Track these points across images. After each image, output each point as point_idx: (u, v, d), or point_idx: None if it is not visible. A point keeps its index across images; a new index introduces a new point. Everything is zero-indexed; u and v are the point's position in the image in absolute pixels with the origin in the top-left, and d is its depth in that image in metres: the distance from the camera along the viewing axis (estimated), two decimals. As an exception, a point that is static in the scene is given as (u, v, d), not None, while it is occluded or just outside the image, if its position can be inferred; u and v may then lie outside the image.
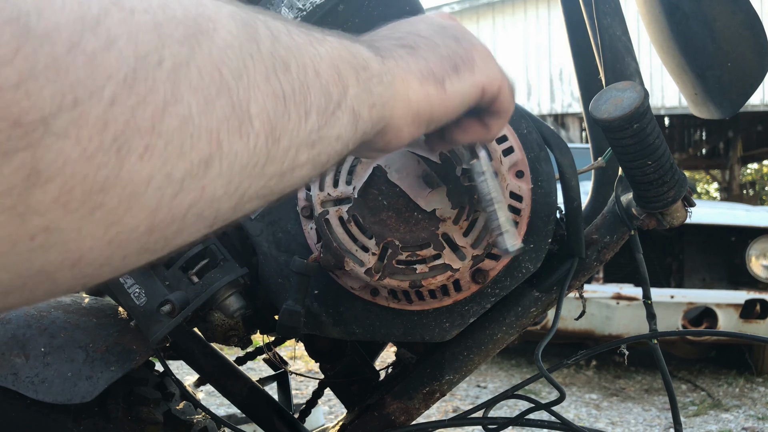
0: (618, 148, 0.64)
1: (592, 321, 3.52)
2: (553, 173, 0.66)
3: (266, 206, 0.71)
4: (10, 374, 0.73)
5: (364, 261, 0.63)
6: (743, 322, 3.52)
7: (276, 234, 0.72)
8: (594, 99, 0.63)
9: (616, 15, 0.75)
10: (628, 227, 0.74)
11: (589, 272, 0.79)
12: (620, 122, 0.60)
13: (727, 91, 0.73)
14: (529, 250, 0.66)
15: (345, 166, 0.64)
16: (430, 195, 0.62)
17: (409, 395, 0.82)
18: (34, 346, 0.76)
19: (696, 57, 0.73)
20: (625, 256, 0.95)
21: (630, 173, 0.66)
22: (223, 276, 0.71)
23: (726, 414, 3.36)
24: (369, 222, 0.63)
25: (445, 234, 0.62)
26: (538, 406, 0.75)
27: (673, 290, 3.56)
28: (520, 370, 4.21)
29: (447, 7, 10.16)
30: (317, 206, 0.64)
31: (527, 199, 0.63)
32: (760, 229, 3.60)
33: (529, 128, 0.65)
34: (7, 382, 0.72)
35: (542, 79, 10.06)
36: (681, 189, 0.67)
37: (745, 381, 4.00)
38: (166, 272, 0.72)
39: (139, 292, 0.71)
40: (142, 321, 0.71)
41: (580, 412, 3.30)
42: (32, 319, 0.79)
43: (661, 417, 3.31)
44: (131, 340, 0.82)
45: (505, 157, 0.62)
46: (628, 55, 0.76)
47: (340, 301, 0.71)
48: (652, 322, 0.74)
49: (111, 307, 0.88)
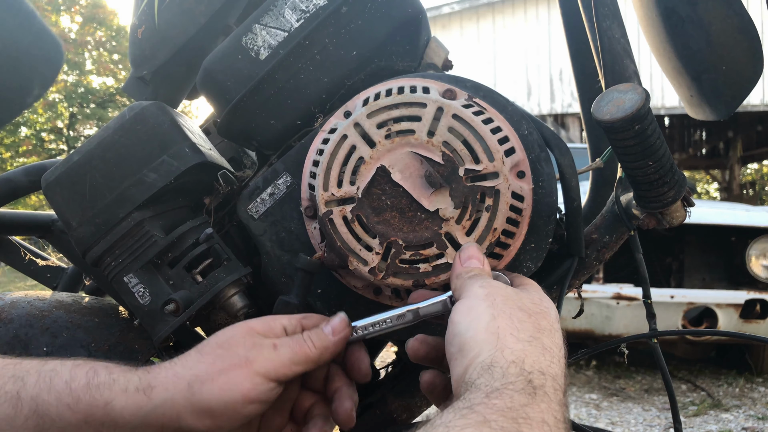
0: (619, 149, 0.64)
1: (592, 321, 3.53)
2: (554, 174, 0.67)
3: (270, 206, 0.72)
4: (13, 373, 0.73)
5: (367, 260, 0.64)
6: (743, 322, 3.53)
7: (279, 234, 0.72)
8: (596, 100, 0.63)
9: (614, 18, 0.76)
10: (628, 227, 0.75)
11: (588, 271, 0.79)
12: (622, 123, 0.60)
13: (721, 93, 0.74)
14: (529, 249, 0.67)
15: (349, 166, 0.65)
16: (433, 195, 0.63)
17: (411, 393, 0.82)
18: (36, 345, 0.77)
19: (692, 60, 0.74)
20: (625, 256, 0.96)
21: (631, 174, 0.67)
22: (227, 275, 0.71)
23: (726, 414, 3.36)
24: (372, 222, 0.64)
25: (448, 233, 0.63)
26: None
27: (673, 290, 3.56)
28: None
29: (447, 7, 10.16)
30: (321, 206, 0.65)
31: (528, 199, 0.63)
32: (760, 229, 3.61)
33: (530, 129, 0.66)
34: (11, 381, 0.73)
35: (542, 79, 10.06)
36: (681, 189, 0.68)
37: (745, 381, 4.00)
38: (170, 272, 0.72)
39: (143, 292, 0.71)
40: (146, 320, 0.72)
41: (580, 412, 3.31)
42: (34, 318, 0.80)
43: (661, 417, 3.32)
44: (133, 340, 0.83)
45: (507, 158, 0.63)
46: (627, 57, 0.76)
47: (343, 300, 0.72)
48: (652, 321, 0.75)
49: (112, 307, 0.89)
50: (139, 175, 0.71)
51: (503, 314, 0.52)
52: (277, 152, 0.76)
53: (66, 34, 18.10)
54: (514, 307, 0.53)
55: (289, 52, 0.71)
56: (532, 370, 0.46)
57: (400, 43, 0.73)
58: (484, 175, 0.62)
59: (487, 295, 0.54)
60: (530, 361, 0.47)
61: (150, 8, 0.81)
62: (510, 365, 0.46)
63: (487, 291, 0.55)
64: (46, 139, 18.82)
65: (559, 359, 0.50)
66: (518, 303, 0.54)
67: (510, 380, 0.45)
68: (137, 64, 0.84)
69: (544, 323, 0.53)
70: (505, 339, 0.49)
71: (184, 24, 0.81)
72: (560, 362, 0.50)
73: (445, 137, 0.63)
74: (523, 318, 0.52)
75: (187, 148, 0.73)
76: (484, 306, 0.53)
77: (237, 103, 0.73)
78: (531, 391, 0.44)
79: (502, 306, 0.53)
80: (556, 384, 0.47)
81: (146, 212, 0.72)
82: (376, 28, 0.72)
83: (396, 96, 0.65)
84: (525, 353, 0.48)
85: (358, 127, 0.65)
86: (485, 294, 0.54)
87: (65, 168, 0.73)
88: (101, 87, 18.75)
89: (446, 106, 0.63)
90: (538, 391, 0.44)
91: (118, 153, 0.72)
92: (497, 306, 0.53)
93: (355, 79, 0.73)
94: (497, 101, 0.67)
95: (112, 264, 0.72)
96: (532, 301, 0.55)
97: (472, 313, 0.53)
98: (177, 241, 0.72)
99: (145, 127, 0.72)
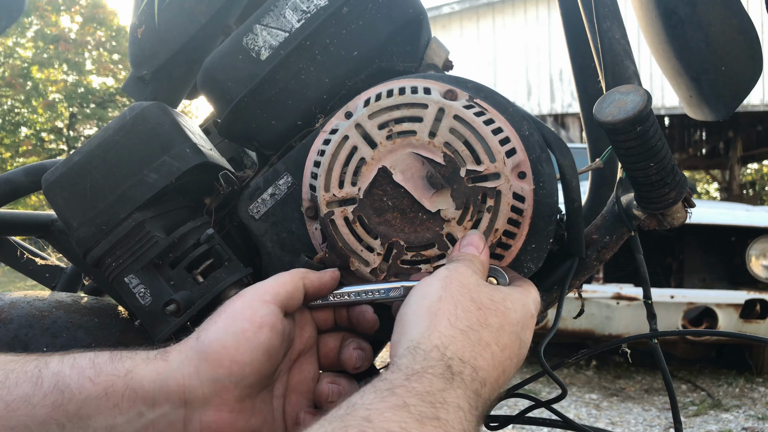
0: (621, 151, 0.64)
1: (592, 321, 3.53)
2: (555, 174, 0.67)
3: (271, 206, 0.72)
4: (14, 374, 0.73)
5: (369, 261, 0.64)
6: (743, 322, 3.53)
7: (280, 234, 0.72)
8: (598, 102, 0.63)
9: (615, 18, 0.76)
10: (629, 228, 0.75)
11: (589, 272, 0.79)
12: (624, 125, 0.60)
13: (721, 94, 0.74)
14: (530, 249, 0.67)
15: (350, 167, 0.65)
16: (435, 196, 0.63)
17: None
18: (37, 346, 0.77)
19: (691, 61, 0.74)
20: (625, 256, 0.96)
21: (632, 175, 0.67)
22: (228, 276, 0.71)
23: (726, 414, 3.37)
24: (374, 222, 0.64)
25: (450, 234, 0.63)
26: (539, 404, 0.76)
27: (673, 290, 3.56)
28: (520, 369, 4.22)
29: (447, 7, 10.16)
30: (322, 207, 0.65)
31: (530, 200, 0.63)
32: (760, 229, 3.61)
33: (531, 130, 0.66)
34: (12, 381, 0.72)
35: (542, 79, 10.07)
36: (682, 190, 0.68)
37: (745, 381, 4.00)
38: (170, 272, 0.72)
39: (144, 292, 0.71)
40: (147, 321, 0.72)
41: (580, 412, 3.31)
42: (34, 319, 0.80)
43: (661, 417, 3.32)
44: (133, 340, 0.83)
45: (508, 159, 0.63)
46: (627, 58, 0.76)
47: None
48: (653, 322, 0.75)
49: (112, 307, 0.89)
50: (140, 176, 0.71)
51: (450, 298, 0.52)
52: (278, 152, 0.76)
53: (66, 34, 18.10)
54: (467, 296, 0.52)
55: (290, 52, 0.71)
56: (453, 356, 0.47)
57: (401, 44, 0.73)
58: (485, 176, 0.62)
59: (445, 278, 0.54)
60: (454, 348, 0.47)
61: (150, 8, 0.81)
62: (433, 349, 0.47)
63: (449, 274, 0.54)
64: (46, 139, 18.82)
65: (497, 358, 0.50)
66: (473, 294, 0.53)
67: (430, 364, 0.46)
68: (137, 64, 0.84)
69: (494, 321, 0.52)
70: (439, 322, 0.50)
71: (185, 24, 0.81)
72: (494, 360, 0.49)
73: (446, 138, 0.63)
74: (470, 308, 0.51)
75: (188, 149, 0.73)
76: (437, 287, 0.53)
77: (238, 104, 0.73)
78: (449, 377, 0.45)
79: (454, 291, 0.52)
80: (476, 375, 0.47)
81: (147, 213, 0.72)
82: (377, 29, 0.72)
83: (397, 97, 0.65)
84: (453, 340, 0.48)
85: (360, 127, 0.65)
86: (445, 276, 0.54)
87: (66, 168, 0.73)
88: (101, 87, 18.75)
89: (447, 107, 0.63)
90: (455, 377, 0.45)
91: (118, 153, 0.72)
92: (449, 289, 0.52)
93: (356, 79, 0.73)
94: (498, 102, 0.67)
95: (113, 265, 0.72)
96: (492, 297, 0.54)
97: (422, 291, 0.53)
98: (178, 241, 0.72)
99: (146, 128, 0.72)
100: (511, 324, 0.53)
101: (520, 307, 0.55)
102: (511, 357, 0.52)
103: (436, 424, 0.40)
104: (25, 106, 17.93)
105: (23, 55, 18.25)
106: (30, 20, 17.82)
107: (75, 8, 18.43)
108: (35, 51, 18.02)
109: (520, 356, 0.54)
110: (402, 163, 0.63)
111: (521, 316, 0.55)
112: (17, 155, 17.68)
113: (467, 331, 0.49)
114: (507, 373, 0.52)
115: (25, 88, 17.53)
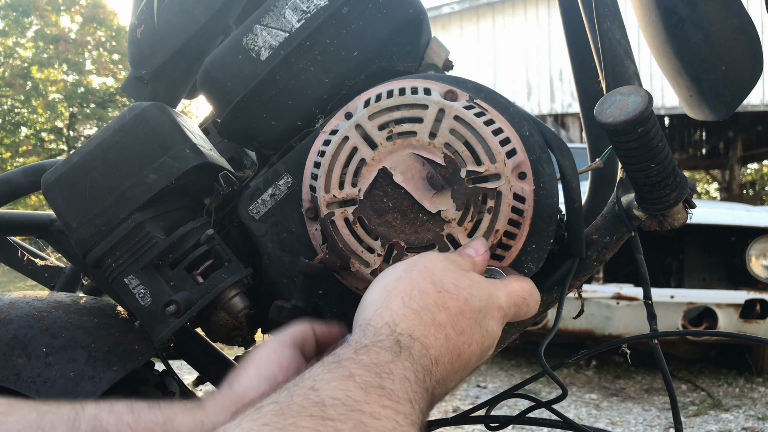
0: (622, 152, 0.64)
1: (592, 321, 3.53)
2: (555, 174, 0.67)
3: (271, 207, 0.72)
4: (11, 375, 0.73)
5: (369, 262, 0.64)
6: (743, 322, 3.52)
7: (280, 235, 0.72)
8: (599, 103, 0.63)
9: (615, 18, 0.76)
10: (629, 228, 0.74)
11: (589, 272, 0.79)
12: (625, 126, 0.60)
13: (721, 94, 0.74)
14: (531, 250, 0.66)
15: (351, 168, 0.64)
16: (435, 196, 0.63)
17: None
18: (36, 346, 0.76)
19: (691, 60, 0.74)
20: (626, 255, 0.96)
21: (633, 176, 0.66)
22: (228, 277, 0.71)
23: (726, 414, 3.36)
24: (374, 223, 0.64)
25: (450, 235, 0.63)
26: (539, 404, 0.76)
27: (673, 290, 3.55)
28: (520, 370, 4.22)
29: (447, 7, 10.16)
30: (323, 208, 0.65)
31: (530, 201, 0.63)
32: (760, 229, 3.61)
33: (531, 130, 0.66)
34: (9, 382, 0.72)
35: (542, 79, 10.06)
36: (682, 191, 0.68)
37: (745, 381, 4.00)
38: (170, 273, 0.72)
39: (144, 293, 0.71)
40: (146, 321, 0.72)
41: (580, 412, 3.31)
42: (33, 319, 0.79)
43: (661, 417, 3.32)
44: (133, 340, 0.83)
45: (509, 159, 0.63)
46: (627, 58, 0.76)
47: (345, 301, 0.71)
48: (653, 322, 0.75)
49: (111, 307, 0.88)
50: (140, 176, 0.71)
51: (407, 279, 0.52)
52: (278, 153, 0.76)
53: (66, 34, 18.10)
54: (428, 279, 0.52)
55: (290, 52, 0.71)
56: (402, 332, 0.47)
57: (401, 44, 0.73)
58: (485, 177, 0.62)
59: (411, 261, 0.54)
60: (404, 326, 0.47)
61: (149, 8, 0.81)
62: (384, 326, 0.47)
63: (416, 259, 0.54)
64: (46, 139, 18.81)
65: (451, 341, 0.49)
66: (436, 277, 0.52)
67: (379, 338, 0.46)
68: (136, 64, 0.84)
69: (453, 305, 0.51)
70: (392, 301, 0.50)
71: (184, 24, 0.81)
72: (448, 342, 0.49)
73: (446, 139, 0.62)
74: (428, 290, 0.51)
75: (188, 149, 0.73)
76: (400, 269, 0.53)
77: (238, 104, 0.72)
78: (397, 350, 0.45)
79: (414, 273, 0.52)
80: (426, 351, 0.47)
81: (147, 213, 0.72)
82: (378, 29, 0.72)
83: (397, 97, 0.65)
84: (404, 318, 0.48)
85: (360, 128, 0.65)
86: (411, 260, 0.54)
87: (65, 169, 0.72)
88: (101, 87, 18.74)
89: (448, 107, 0.63)
90: (403, 351, 0.45)
91: (118, 154, 0.72)
92: (409, 271, 0.52)
93: (356, 79, 0.72)
94: (498, 102, 0.67)
95: (113, 265, 0.72)
96: (457, 283, 0.53)
97: (385, 273, 0.54)
98: (178, 242, 0.72)
99: (146, 128, 0.72)
100: (472, 311, 0.52)
101: (485, 296, 0.54)
102: (470, 343, 0.51)
103: (381, 393, 0.41)
104: (25, 106, 17.92)
105: (23, 55, 18.24)
106: (30, 20, 17.82)
107: (75, 8, 18.42)
108: (35, 51, 18.01)
109: (484, 345, 0.53)
110: (402, 163, 0.63)
111: (485, 304, 0.54)
112: (17, 155, 17.67)
113: (420, 311, 0.49)
114: (464, 359, 0.51)
115: (25, 88, 17.53)
